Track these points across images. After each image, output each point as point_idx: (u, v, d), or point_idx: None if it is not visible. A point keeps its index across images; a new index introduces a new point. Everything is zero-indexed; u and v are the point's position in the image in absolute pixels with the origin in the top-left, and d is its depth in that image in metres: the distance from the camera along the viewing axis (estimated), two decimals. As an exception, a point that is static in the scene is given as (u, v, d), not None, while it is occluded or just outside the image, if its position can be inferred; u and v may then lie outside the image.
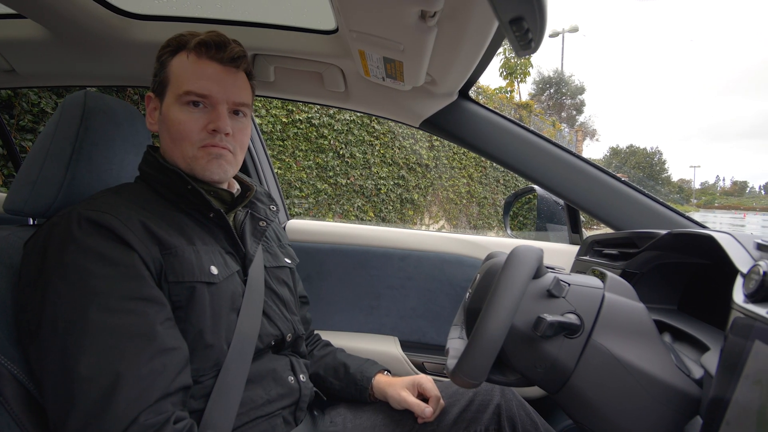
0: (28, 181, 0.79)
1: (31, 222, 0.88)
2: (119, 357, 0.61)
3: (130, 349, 0.62)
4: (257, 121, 4.97)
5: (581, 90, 28.16)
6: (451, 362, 0.63)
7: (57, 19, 0.97)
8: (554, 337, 0.59)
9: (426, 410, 0.85)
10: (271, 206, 0.95)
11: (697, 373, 0.59)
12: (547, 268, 0.67)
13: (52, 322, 0.62)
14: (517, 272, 0.58)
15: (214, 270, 0.76)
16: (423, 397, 0.91)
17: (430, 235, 1.50)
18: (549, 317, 0.57)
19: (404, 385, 0.91)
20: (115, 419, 0.58)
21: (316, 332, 1.13)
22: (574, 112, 28.47)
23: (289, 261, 1.00)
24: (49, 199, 0.79)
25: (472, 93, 1.13)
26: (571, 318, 0.59)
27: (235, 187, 0.92)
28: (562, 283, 0.62)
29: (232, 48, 0.80)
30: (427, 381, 0.91)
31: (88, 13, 0.96)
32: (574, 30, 22.67)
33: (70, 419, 0.58)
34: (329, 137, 5.91)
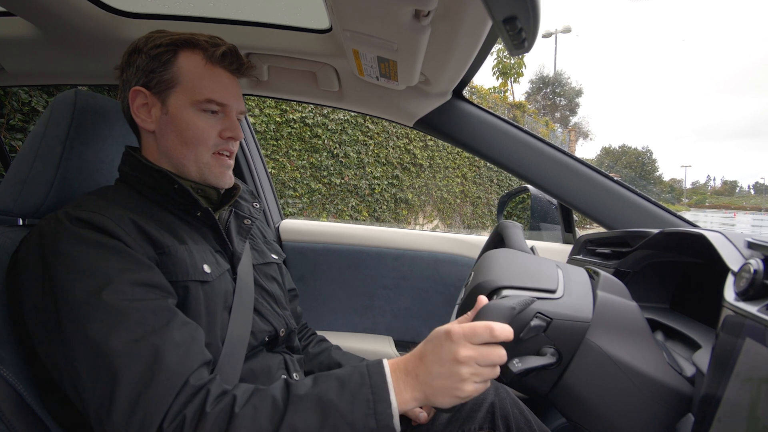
0: (18, 180, 0.78)
1: (21, 222, 0.87)
2: (150, 330, 0.60)
3: (157, 322, 0.61)
4: (251, 120, 4.95)
5: (579, 93, 28.31)
6: None
7: (48, 17, 0.95)
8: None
9: (420, 415, 0.85)
10: (255, 203, 0.95)
11: (689, 371, 0.59)
12: (533, 290, 0.62)
13: (71, 311, 0.59)
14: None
15: (207, 268, 0.75)
16: None
17: (424, 235, 1.50)
18: (516, 366, 0.56)
19: None
20: (166, 384, 0.57)
21: (309, 328, 1.13)
22: (568, 113, 28.66)
23: (275, 257, 1.00)
24: (38, 199, 0.78)
25: (465, 93, 1.13)
26: (547, 354, 0.58)
27: None
28: (542, 318, 0.58)
29: (248, 62, 0.84)
30: None
31: (79, 11, 0.95)
32: (567, 30, 22.79)
33: (117, 396, 0.55)
34: (323, 137, 5.90)
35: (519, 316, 0.58)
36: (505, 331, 0.56)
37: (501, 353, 0.57)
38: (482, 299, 0.61)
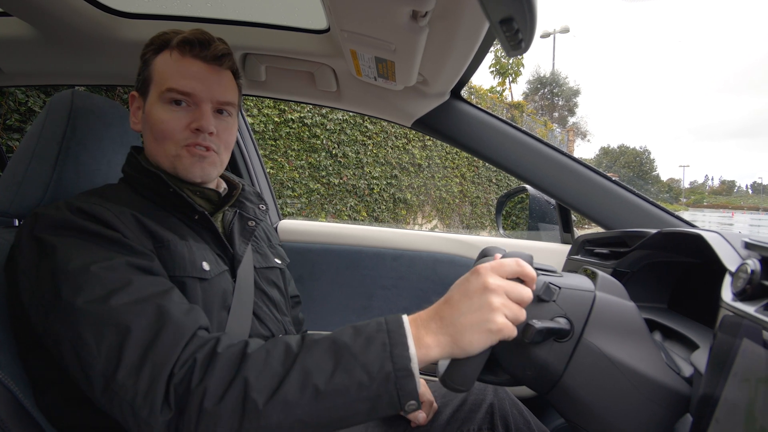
0: (14, 181, 0.78)
1: (17, 223, 0.87)
2: (151, 294, 0.59)
3: (157, 289, 0.61)
4: (249, 120, 4.95)
5: (576, 92, 28.32)
6: (442, 366, 0.63)
7: (44, 17, 0.95)
8: (544, 342, 0.59)
9: (419, 416, 0.85)
10: (261, 205, 0.94)
11: (687, 371, 0.59)
12: (539, 270, 0.65)
13: (70, 280, 0.59)
14: None
15: (206, 266, 0.75)
16: None
17: (422, 235, 1.50)
18: (537, 324, 0.56)
19: None
20: (175, 334, 0.56)
21: (309, 332, 1.13)
22: (566, 113, 28.68)
23: (279, 261, 0.99)
24: (35, 200, 0.78)
25: (464, 93, 1.13)
26: (561, 322, 0.59)
27: (222, 187, 0.90)
28: (552, 287, 0.61)
29: (216, 46, 0.79)
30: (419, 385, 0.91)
31: (76, 11, 0.95)
32: (565, 31, 22.82)
33: (125, 351, 0.54)
34: (322, 137, 5.89)
35: None
36: (530, 268, 0.57)
37: (527, 290, 0.57)
38: (498, 256, 0.61)
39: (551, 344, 0.59)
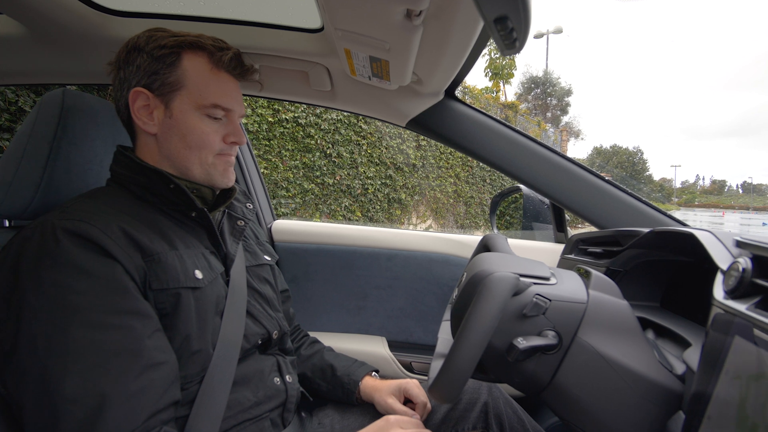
0: (4, 181, 0.77)
1: (7, 224, 0.86)
2: (104, 376, 0.59)
3: (116, 366, 0.60)
4: (243, 120, 4.91)
5: (568, 92, 28.50)
6: (434, 370, 0.63)
7: (34, 15, 0.94)
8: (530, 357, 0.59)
9: (413, 417, 0.85)
10: (247, 204, 0.95)
11: (680, 368, 0.60)
12: (530, 277, 0.63)
13: (31, 342, 0.58)
14: (488, 306, 0.55)
15: (198, 274, 0.74)
16: (410, 402, 0.91)
17: (417, 235, 1.50)
18: (522, 344, 0.56)
19: (390, 390, 0.91)
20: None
21: (302, 329, 1.13)
22: (559, 113, 28.84)
23: (268, 258, 0.99)
24: (25, 200, 0.77)
25: (458, 93, 1.13)
26: (549, 336, 0.58)
27: None
28: (541, 300, 0.60)
29: (249, 66, 0.84)
30: (414, 386, 0.91)
31: (66, 9, 0.94)
32: (559, 31, 22.90)
33: None
34: (316, 137, 5.88)
35: (520, 297, 0.59)
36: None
37: None
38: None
39: (539, 356, 0.59)
